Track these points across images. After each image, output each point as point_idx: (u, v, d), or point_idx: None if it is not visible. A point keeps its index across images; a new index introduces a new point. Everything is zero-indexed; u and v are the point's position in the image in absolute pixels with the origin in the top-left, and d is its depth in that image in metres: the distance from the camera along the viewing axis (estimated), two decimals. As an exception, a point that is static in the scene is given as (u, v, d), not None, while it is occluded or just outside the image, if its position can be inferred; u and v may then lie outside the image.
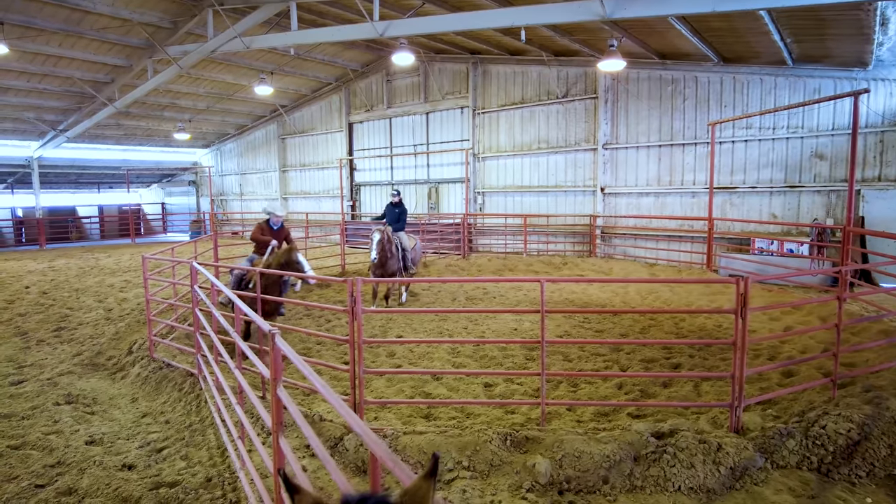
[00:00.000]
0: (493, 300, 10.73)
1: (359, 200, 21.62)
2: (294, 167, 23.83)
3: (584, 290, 11.47)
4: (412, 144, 19.66)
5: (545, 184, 16.50)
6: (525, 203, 16.97)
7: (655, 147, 14.60)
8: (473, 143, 17.81)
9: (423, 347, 7.53)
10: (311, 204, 23.20)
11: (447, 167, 18.87)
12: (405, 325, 8.88)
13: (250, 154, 25.60)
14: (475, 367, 6.79)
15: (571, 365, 6.80)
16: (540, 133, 16.48)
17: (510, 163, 17.21)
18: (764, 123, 12.98)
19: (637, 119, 14.78)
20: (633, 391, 5.86)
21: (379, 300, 10.21)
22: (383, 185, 20.79)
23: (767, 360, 6.84)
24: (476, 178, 17.98)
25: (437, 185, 19.24)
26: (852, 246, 9.62)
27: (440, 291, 11.62)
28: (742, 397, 4.61)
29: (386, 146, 20.43)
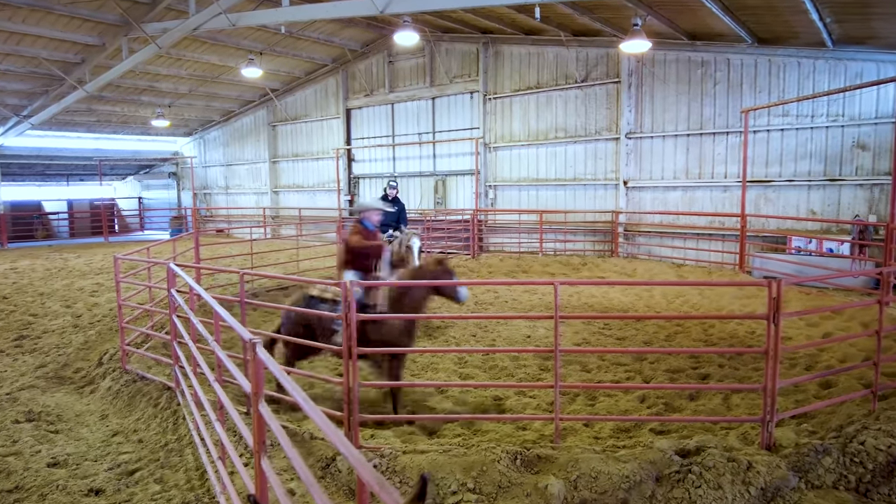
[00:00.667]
0: (504, 305, 10.83)
1: (357, 194, 21.76)
2: (286, 157, 23.98)
3: (604, 294, 11.53)
4: (416, 133, 19.76)
5: (563, 176, 16.56)
6: (541, 198, 17.04)
7: (683, 136, 14.62)
8: (484, 132, 17.89)
9: (427, 357, 7.60)
10: (305, 198, 23.34)
11: (455, 158, 18.95)
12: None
13: (237, 143, 25.76)
14: (484, 378, 6.86)
15: (589, 376, 6.88)
16: (557, 120, 16.53)
17: (524, 153, 17.28)
18: (802, 111, 12.99)
19: (664, 106, 14.80)
20: (656, 404, 5.92)
21: None
22: (385, 177, 20.88)
23: (804, 369, 6.90)
24: (487, 171, 18.06)
25: (444, 177, 19.33)
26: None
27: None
28: (774, 411, 4.67)
29: (387, 134, 20.53)
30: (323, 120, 22.24)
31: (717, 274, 12.63)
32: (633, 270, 13.52)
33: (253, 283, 12.16)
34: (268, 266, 14.82)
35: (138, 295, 10.05)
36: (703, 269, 13.07)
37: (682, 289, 11.38)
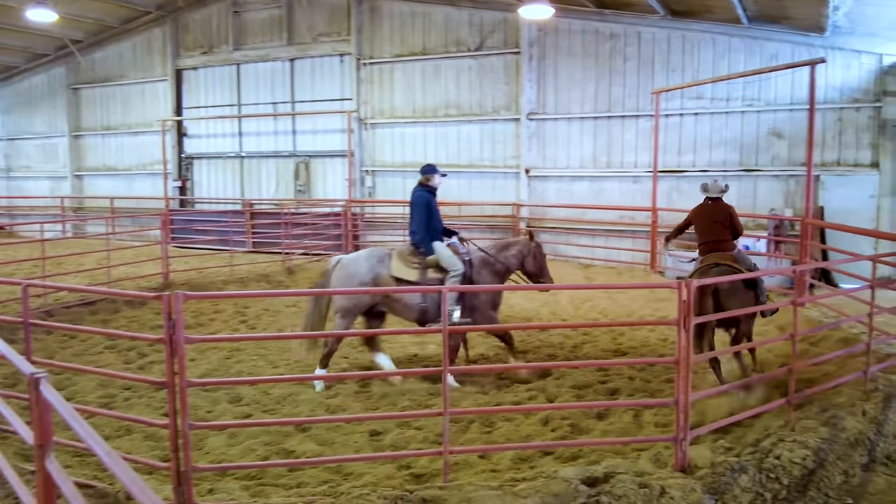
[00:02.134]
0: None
1: (191, 179, 21.07)
2: (93, 131, 22.77)
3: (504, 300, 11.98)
4: (270, 102, 19.50)
5: (456, 162, 17.11)
6: (427, 187, 17.50)
7: (591, 119, 15.69)
8: (359, 104, 18.01)
9: (285, 387, 7.56)
10: (120, 184, 22.32)
11: (322, 136, 18.90)
12: (258, 356, 8.86)
13: (24, 110, 24.12)
14: (358, 409, 6.94)
15: (486, 398, 7.17)
16: (448, 95, 17.05)
17: (409, 133, 17.62)
18: (717, 93, 14.45)
19: (569, 83, 15.78)
20: (561, 427, 6.30)
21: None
22: (228, 157, 20.38)
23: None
24: (363, 152, 18.20)
25: (307, 159, 19.21)
26: (811, 241, 10.97)
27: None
28: (688, 428, 5.18)
29: (232, 103, 20.08)
30: (145, 83, 21.38)
31: (627, 275, 13.61)
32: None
33: (46, 297, 11.45)
34: (67, 275, 13.94)
35: None
36: (613, 270, 14.02)
37: (590, 293, 12.11)
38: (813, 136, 10.33)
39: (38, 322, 6.68)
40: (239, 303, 11.77)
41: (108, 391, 7.45)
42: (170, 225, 14.54)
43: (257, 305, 11.73)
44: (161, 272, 13.24)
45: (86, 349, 9.19)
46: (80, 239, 20.35)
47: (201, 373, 8.08)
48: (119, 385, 7.57)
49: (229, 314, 11.18)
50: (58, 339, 9.53)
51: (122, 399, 7.24)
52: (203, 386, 7.15)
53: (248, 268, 14.92)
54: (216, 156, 20.56)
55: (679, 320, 5.16)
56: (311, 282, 13.87)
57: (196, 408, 6.67)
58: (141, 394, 7.37)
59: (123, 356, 8.90)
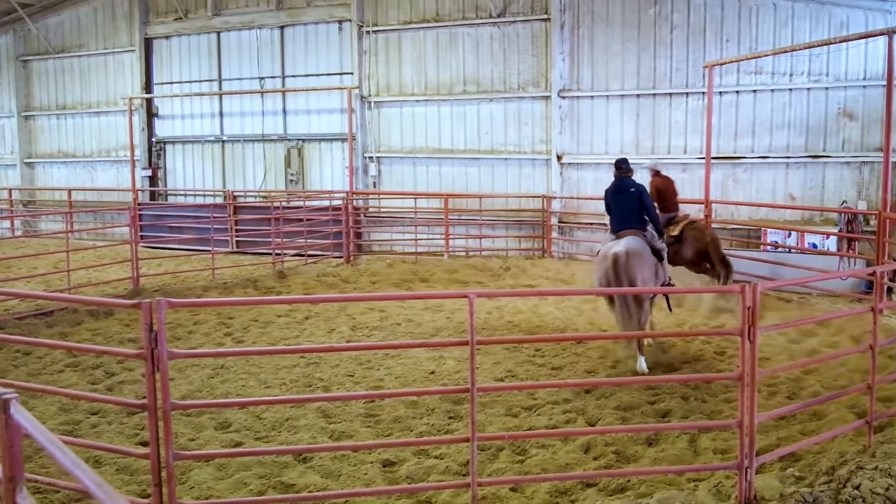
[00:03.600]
0: (396, 329, 11.07)
1: (163, 168, 21.31)
2: (46, 111, 23.02)
3: (534, 309, 12.11)
4: (257, 77, 19.69)
5: (475, 147, 17.27)
6: (445, 175, 17.64)
7: (632, 97, 15.81)
8: (361, 79, 18.19)
9: (281, 410, 7.66)
10: (79, 174, 22.57)
11: (318, 116, 19.09)
12: (246, 373, 8.99)
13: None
14: (367, 436, 7.01)
15: (517, 422, 7.27)
16: (466, 69, 17.20)
17: (421, 112, 17.78)
18: (778, 67, 14.55)
19: (607, 55, 15.91)
20: (605, 454, 6.40)
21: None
22: (206, 142, 20.61)
23: (786, 398, 7.71)
24: (367, 135, 18.38)
25: (300, 143, 19.42)
26: (889, 238, 11.07)
27: (308, 318, 11.85)
28: (753, 454, 5.32)
29: (211, 78, 20.29)
30: (108, 53, 21.61)
31: (675, 278, 13.71)
32: (570, 275, 14.25)
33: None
34: (18, 280, 14.15)
35: None
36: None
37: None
38: (891, 117, 10.40)
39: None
40: (222, 312, 11.95)
41: (71, 416, 7.54)
42: (139, 221, 14.61)
43: (244, 315, 11.89)
44: (130, 276, 13.41)
45: (43, 367, 9.30)
46: (31, 237, 20.60)
47: (182, 394, 8.18)
48: (84, 409, 7.69)
49: (211, 325, 11.35)
50: (9, 356, 9.66)
51: (89, 426, 7.31)
52: (186, 409, 7.21)
53: (232, 271, 15.12)
54: (193, 140, 20.76)
55: (742, 329, 5.27)
56: (304, 288, 14.05)
57: (177, 435, 6.70)
58: (110, 419, 7.45)
59: (88, 375, 8.99)
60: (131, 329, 11.03)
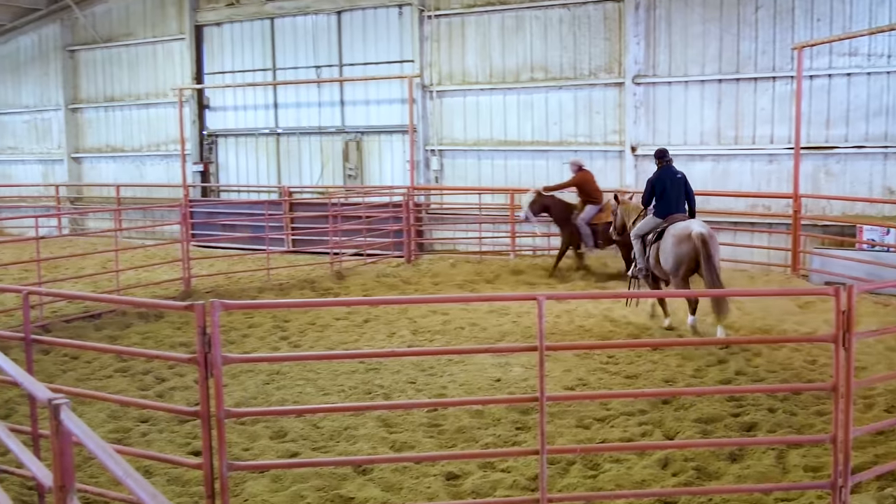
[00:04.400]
0: (459, 333, 11.21)
1: (214, 162, 21.80)
2: (94, 103, 23.66)
3: (607, 312, 12.15)
4: (313, 66, 20.00)
5: (543, 138, 17.33)
6: (511, 169, 17.72)
7: (714, 82, 15.66)
8: (422, 67, 18.36)
9: (339, 419, 7.70)
10: (127, 169, 23.17)
11: (378, 107, 19.32)
12: (304, 380, 9.18)
13: (9, 79, 25.19)
14: (430, 447, 7.11)
15: (589, 434, 7.34)
16: (534, 54, 17.25)
17: (485, 102, 17.89)
18: (875, 48, 14.20)
19: (686, 37, 15.78)
20: (684, 470, 6.40)
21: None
22: (260, 135, 21.00)
23: (884, 411, 7.47)
24: (428, 127, 18.57)
25: (359, 136, 19.69)
26: None
27: (368, 321, 12.05)
28: (849, 471, 5.26)
29: (265, 67, 20.66)
30: (157, 42, 22.10)
31: (761, 280, 13.51)
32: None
33: (42, 307, 12.06)
34: (65, 281, 14.53)
35: None
36: (744, 273, 13.92)
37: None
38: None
39: (41, 338, 6.98)
40: (278, 315, 12.23)
41: (120, 424, 7.76)
42: (190, 219, 14.99)
43: (300, 318, 12.16)
44: (181, 277, 13.78)
45: (91, 373, 9.62)
46: (79, 237, 21.15)
47: (236, 401, 8.34)
48: (134, 417, 7.95)
49: (266, 329, 11.63)
50: (57, 360, 10.02)
51: (139, 434, 7.51)
52: (241, 417, 7.52)
53: (288, 272, 15.42)
54: (246, 133, 21.20)
55: (836, 336, 5.23)
56: (363, 289, 14.25)
57: (231, 444, 6.69)
58: (161, 427, 7.64)
59: (138, 381, 9.26)
60: (183, 332, 11.34)
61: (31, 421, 5.00)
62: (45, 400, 3.17)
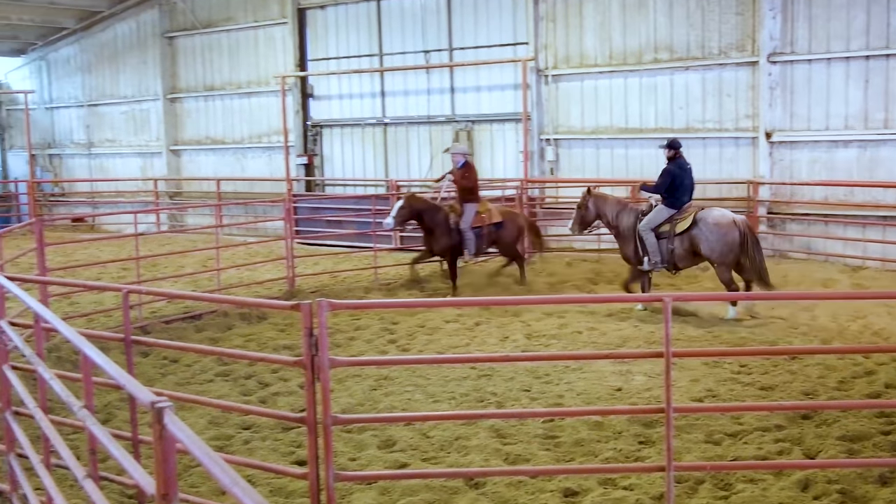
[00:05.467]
0: (577, 338, 11.24)
1: (319, 154, 22.32)
2: (193, 92, 24.46)
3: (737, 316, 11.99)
4: (422, 50, 20.24)
5: (668, 124, 17.15)
6: (632, 159, 17.61)
7: (860, 59, 15.13)
8: (537, 50, 18.36)
9: (450, 428, 7.78)
10: (227, 161, 23.90)
11: (489, 94, 19.48)
12: (413, 385, 9.35)
13: (107, 67, 26.12)
14: (546, 460, 7.16)
15: (719, 450, 7.24)
16: (657, 33, 17.08)
17: (605, 86, 17.80)
18: None
19: (828, 9, 15.28)
20: (828, 493, 6.28)
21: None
22: (367, 125, 21.37)
23: None
24: (543, 115, 18.59)
25: (469, 125, 19.88)
26: None
27: (479, 324, 12.21)
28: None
29: (371, 52, 21.00)
30: (258, 27, 22.67)
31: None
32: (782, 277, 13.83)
33: (141, 308, 12.53)
34: (165, 280, 15.04)
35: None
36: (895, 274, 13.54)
37: (860, 305, 11.78)
38: None
39: (141, 339, 7.25)
40: (385, 317, 12.51)
41: (221, 431, 8.04)
42: (294, 215, 15.39)
43: (409, 321, 12.40)
44: (285, 276, 14.26)
45: (191, 376, 10.02)
46: (177, 233, 21.70)
47: (342, 408, 8.47)
48: (235, 423, 8.26)
49: (374, 331, 11.90)
50: (156, 363, 10.49)
51: (241, 441, 7.75)
52: (348, 424, 7.68)
53: (396, 270, 15.68)
54: (352, 123, 21.65)
55: None
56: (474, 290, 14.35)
57: (336, 453, 6.72)
58: (264, 434, 7.88)
59: (240, 386, 9.55)
60: (286, 335, 11.70)
61: (131, 426, 5.15)
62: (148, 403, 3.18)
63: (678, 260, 12.21)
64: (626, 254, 12.80)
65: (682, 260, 12.24)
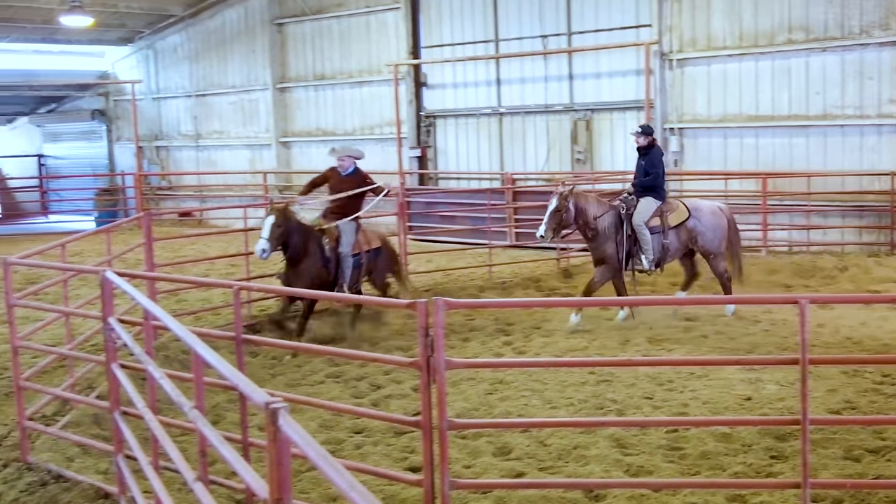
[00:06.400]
0: (701, 342, 11.16)
1: (433, 146, 22.56)
2: (303, 81, 24.90)
3: (881, 322, 11.73)
4: (539, 36, 20.22)
5: (803, 111, 16.74)
6: (763, 149, 17.28)
7: None
8: (661, 33, 18.18)
9: (568, 436, 7.81)
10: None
11: (609, 80, 19.39)
12: (529, 390, 9.40)
13: (215, 56, 26.75)
14: (670, 473, 7.13)
15: (860, 468, 7.10)
16: (792, 11, 16.65)
17: (733, 70, 17.49)
18: None
19: None
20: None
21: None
22: (482, 115, 21.47)
23: None
24: (667, 102, 18.42)
25: (588, 115, 19.83)
26: None
27: (597, 325, 12.27)
28: None
29: (486, 39, 21.08)
30: (370, 13, 22.97)
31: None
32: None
33: (250, 305, 12.95)
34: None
35: (47, 329, 10.15)
36: None
37: None
38: None
39: (251, 337, 7.43)
40: (500, 317, 12.65)
41: (333, 434, 8.21)
42: (406, 210, 15.55)
43: (525, 321, 12.50)
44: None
45: (302, 377, 10.27)
46: None
47: (457, 412, 8.53)
48: (347, 427, 8.44)
49: (489, 332, 12.04)
50: (265, 363, 10.81)
51: (353, 446, 7.90)
52: (463, 429, 7.85)
53: (511, 268, 15.78)
54: (466, 113, 21.78)
55: None
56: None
57: (451, 460, 6.63)
58: (376, 439, 8.02)
59: (351, 388, 9.77)
60: (399, 335, 11.95)
61: (241, 428, 5.26)
62: (263, 404, 3.21)
63: (670, 255, 12.17)
64: (605, 254, 12.22)
65: (673, 255, 12.23)
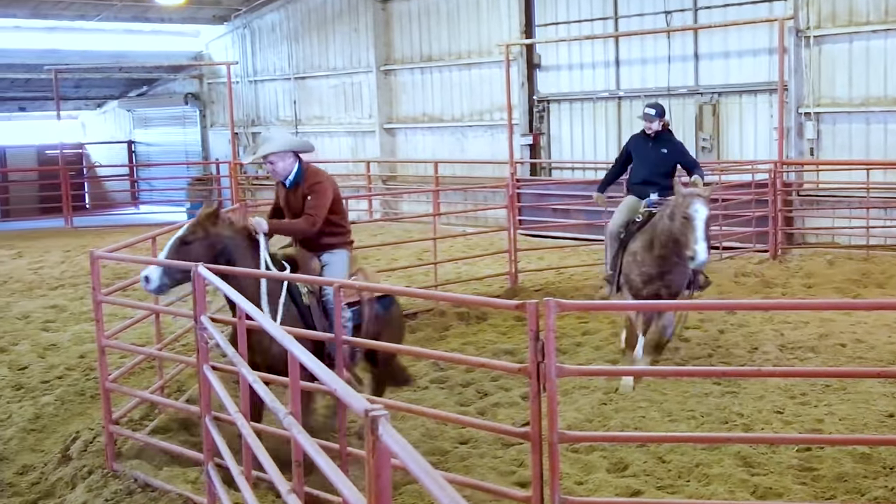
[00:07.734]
0: (839, 352, 10.93)
1: (546, 133, 22.53)
2: (409, 63, 25.09)
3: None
4: (662, 12, 20.02)
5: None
6: (912, 137, 16.72)
7: None
8: (796, 7, 17.74)
9: (689, 452, 7.80)
10: (447, 142, 24.40)
11: (738, 60, 19.10)
12: (646, 401, 9.34)
13: (315, 36, 27.11)
14: (802, 496, 7.04)
15: None
16: (944, -22, 16.03)
17: (878, 47, 17.01)
18: None
19: None
20: None
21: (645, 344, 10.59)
22: (599, 99, 21.40)
23: None
24: (803, 83, 18.02)
25: (715, 98, 19.59)
26: None
27: (723, 331, 12.08)
28: None
29: (604, 15, 21.01)
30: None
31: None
32: None
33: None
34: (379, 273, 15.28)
35: (135, 328, 10.35)
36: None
37: None
38: None
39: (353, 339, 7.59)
40: (617, 320, 12.40)
41: (436, 444, 8.30)
42: (516, 202, 15.58)
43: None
44: (506, 272, 14.61)
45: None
46: (391, 222, 22.07)
47: (568, 423, 8.52)
48: (451, 437, 8.53)
49: (603, 337, 11.96)
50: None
51: (457, 457, 7.98)
52: (576, 442, 7.86)
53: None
54: (582, 97, 21.73)
55: None
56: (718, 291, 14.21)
57: (562, 475, 6.59)
58: (482, 451, 8.08)
59: (457, 395, 9.82)
60: (508, 338, 12.01)
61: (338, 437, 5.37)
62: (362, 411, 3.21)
63: None
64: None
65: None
